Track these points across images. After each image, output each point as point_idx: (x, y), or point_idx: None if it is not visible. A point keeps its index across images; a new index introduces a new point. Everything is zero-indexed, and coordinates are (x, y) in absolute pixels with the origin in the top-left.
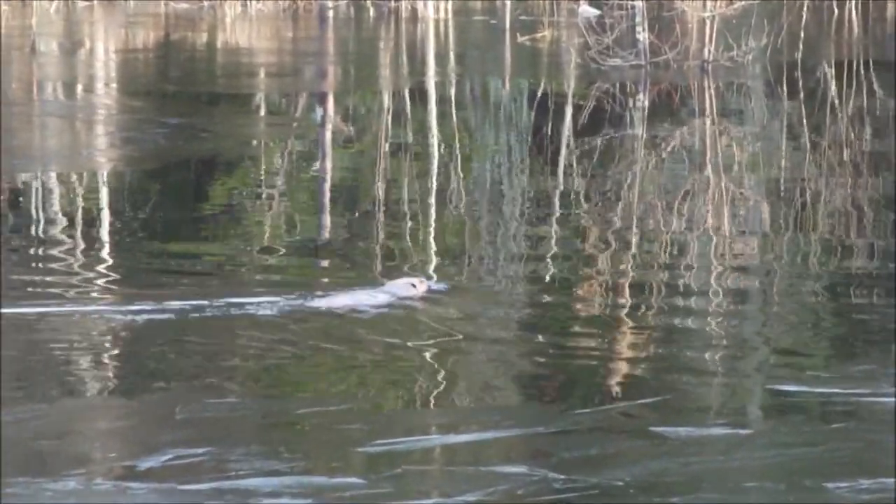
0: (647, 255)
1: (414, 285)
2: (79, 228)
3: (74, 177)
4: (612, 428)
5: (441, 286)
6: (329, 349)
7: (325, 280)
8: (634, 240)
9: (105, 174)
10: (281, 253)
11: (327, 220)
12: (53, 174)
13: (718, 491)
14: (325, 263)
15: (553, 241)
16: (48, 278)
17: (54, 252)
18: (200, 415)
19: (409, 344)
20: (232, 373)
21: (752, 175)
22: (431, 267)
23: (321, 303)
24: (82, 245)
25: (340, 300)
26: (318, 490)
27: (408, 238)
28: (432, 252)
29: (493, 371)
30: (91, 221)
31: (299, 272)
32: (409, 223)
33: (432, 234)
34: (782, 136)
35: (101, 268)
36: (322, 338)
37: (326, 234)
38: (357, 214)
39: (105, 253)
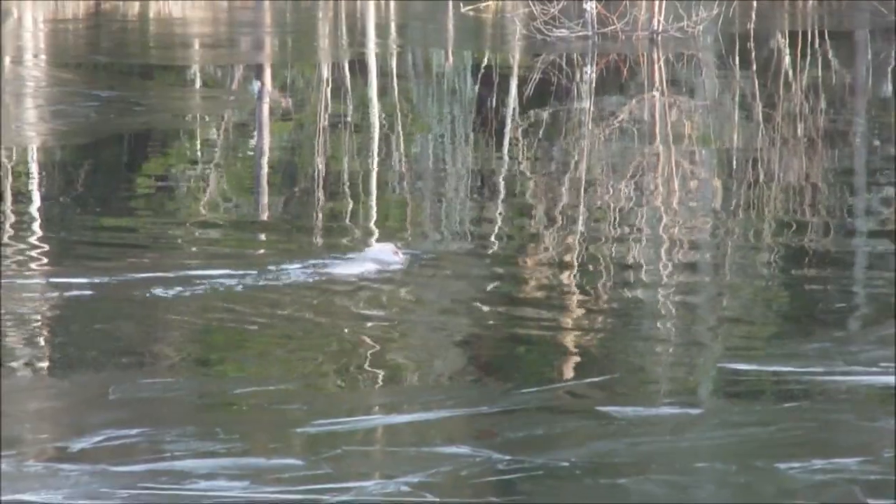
0: (596, 231)
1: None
2: (7, 204)
3: (3, 152)
4: (558, 407)
5: (416, 252)
6: (269, 325)
7: (263, 252)
8: (582, 216)
9: (34, 149)
10: (217, 226)
11: (265, 194)
12: None
13: (667, 472)
14: (262, 237)
15: (499, 217)
16: None
17: None
18: (134, 395)
19: (351, 315)
20: (168, 351)
21: (702, 149)
22: (374, 239)
23: (323, 270)
24: (12, 219)
25: (338, 269)
26: (256, 472)
27: (347, 214)
28: (374, 227)
29: (436, 347)
30: (20, 197)
31: (238, 245)
32: (350, 199)
33: (374, 210)
34: (734, 109)
35: (31, 241)
36: (266, 314)
37: (265, 208)
38: (296, 189)
39: (36, 227)
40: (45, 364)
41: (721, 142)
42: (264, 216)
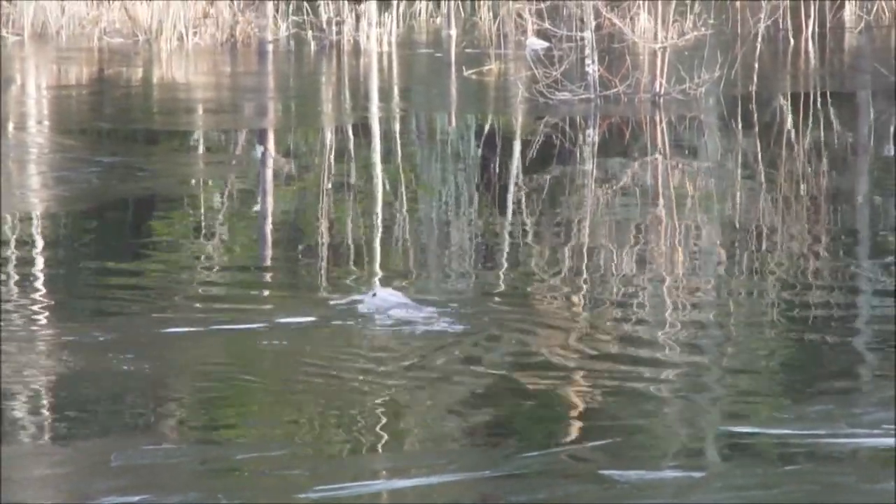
0: (599, 293)
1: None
2: (11, 267)
3: (6, 217)
4: (560, 472)
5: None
6: (272, 382)
7: (267, 307)
8: (585, 278)
9: (37, 215)
10: (221, 283)
11: (269, 251)
12: None
13: None
14: (266, 293)
15: (502, 279)
16: None
17: None
18: (137, 461)
19: (351, 374)
20: (171, 413)
21: (705, 211)
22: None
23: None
24: (14, 284)
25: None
26: None
27: (352, 266)
28: (377, 280)
29: (440, 408)
30: (22, 261)
31: (241, 301)
32: (353, 256)
33: (377, 264)
34: (736, 171)
35: (34, 305)
36: (268, 370)
37: (269, 267)
38: (299, 248)
39: (38, 292)
40: (46, 429)
41: (723, 203)
42: (268, 276)
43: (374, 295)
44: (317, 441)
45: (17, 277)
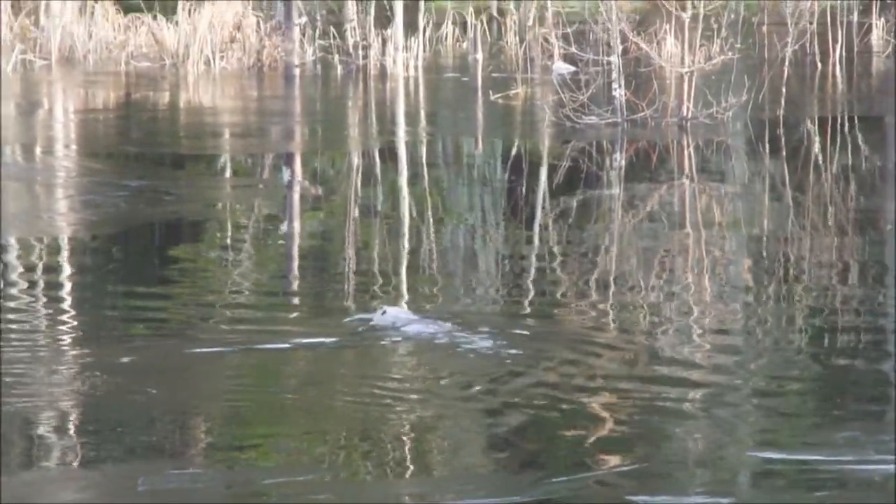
0: (628, 316)
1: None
2: (39, 291)
3: (34, 242)
4: (588, 497)
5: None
6: (298, 403)
7: (294, 329)
8: (613, 301)
9: (65, 239)
10: (247, 306)
11: (294, 274)
12: (12, 239)
13: None
14: (292, 315)
15: (528, 302)
16: (7, 337)
17: (13, 315)
18: (163, 486)
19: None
20: (197, 437)
21: (733, 235)
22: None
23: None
24: (42, 308)
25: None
26: None
27: (378, 292)
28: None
29: (466, 431)
30: (51, 285)
31: (268, 323)
32: (380, 280)
33: (404, 287)
34: (764, 196)
35: (61, 327)
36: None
37: (294, 287)
38: (326, 272)
39: (67, 315)
40: (73, 453)
41: (751, 228)
42: (294, 298)
43: (384, 313)
44: (344, 465)
45: (44, 300)
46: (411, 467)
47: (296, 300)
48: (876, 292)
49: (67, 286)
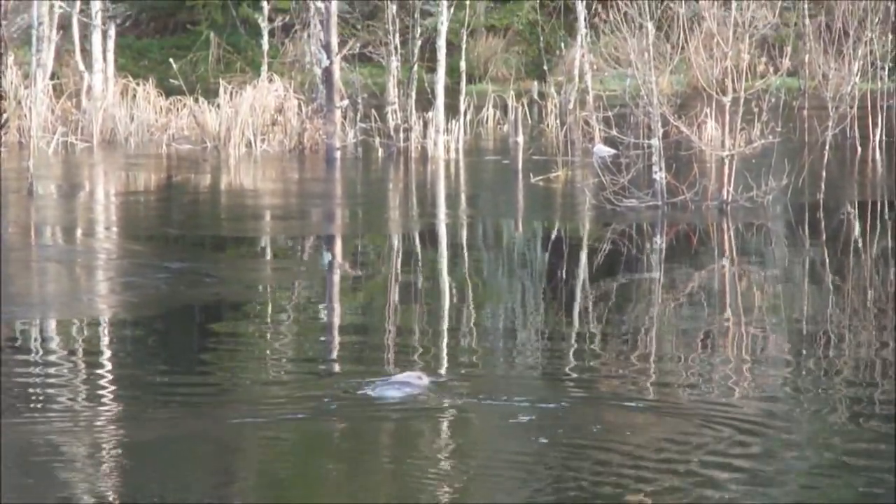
0: (661, 395)
1: (420, 377)
2: (80, 373)
3: (75, 323)
4: None
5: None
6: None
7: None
8: (649, 382)
9: (105, 320)
10: (289, 382)
11: (334, 352)
12: (52, 321)
13: None
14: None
15: (568, 384)
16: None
17: (53, 390)
18: None
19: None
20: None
21: (774, 320)
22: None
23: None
24: (83, 387)
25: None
26: None
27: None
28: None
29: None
30: (92, 365)
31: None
32: (419, 360)
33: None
34: (804, 280)
35: (102, 402)
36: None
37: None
38: (365, 348)
39: (108, 392)
40: None
41: (791, 311)
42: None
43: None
44: None
45: (83, 377)
46: None
47: (332, 378)
48: None
49: (107, 365)
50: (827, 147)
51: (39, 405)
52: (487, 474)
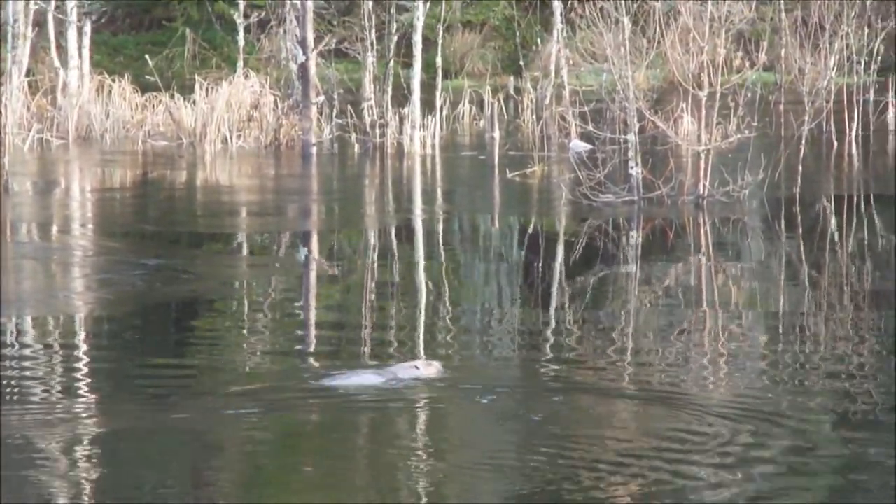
0: (641, 391)
1: (417, 367)
2: (55, 368)
3: (51, 320)
4: None
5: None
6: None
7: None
8: (627, 374)
9: (81, 317)
10: (264, 375)
11: (311, 346)
12: (28, 318)
13: None
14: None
15: (545, 379)
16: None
17: (29, 385)
18: None
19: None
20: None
21: (749, 314)
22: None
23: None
24: (58, 381)
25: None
26: None
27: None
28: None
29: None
30: (68, 360)
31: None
32: (395, 352)
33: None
34: (780, 274)
35: (79, 398)
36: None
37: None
38: (341, 342)
39: (83, 386)
40: None
41: (767, 305)
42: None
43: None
44: None
45: (59, 372)
46: None
47: (307, 371)
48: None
49: (83, 360)
50: (803, 141)
51: (15, 398)
52: (466, 468)
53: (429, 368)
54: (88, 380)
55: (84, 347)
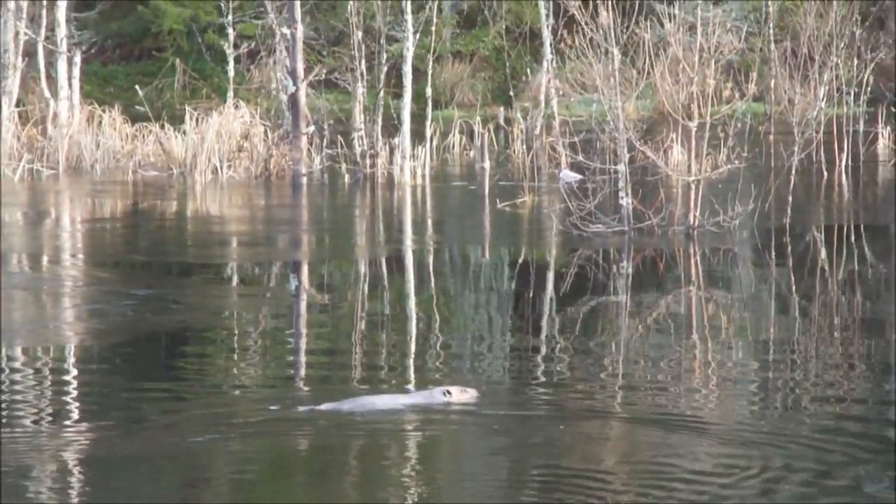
0: (634, 419)
1: (449, 392)
2: (45, 398)
3: (41, 350)
4: None
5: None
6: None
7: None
8: (618, 402)
9: (72, 347)
10: (255, 403)
11: (301, 374)
12: (18, 348)
13: None
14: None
15: (538, 410)
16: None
17: (20, 414)
18: None
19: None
20: None
21: (740, 343)
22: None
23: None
24: (48, 409)
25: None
26: None
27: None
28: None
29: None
30: (58, 390)
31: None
32: (386, 379)
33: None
34: (770, 304)
35: (67, 427)
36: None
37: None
38: (331, 370)
39: (73, 414)
40: None
41: (758, 334)
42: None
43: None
44: None
45: (50, 396)
46: None
47: (295, 399)
48: (882, 393)
49: (73, 391)
50: (793, 172)
51: (6, 427)
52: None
53: (462, 395)
54: (78, 408)
55: (74, 376)
